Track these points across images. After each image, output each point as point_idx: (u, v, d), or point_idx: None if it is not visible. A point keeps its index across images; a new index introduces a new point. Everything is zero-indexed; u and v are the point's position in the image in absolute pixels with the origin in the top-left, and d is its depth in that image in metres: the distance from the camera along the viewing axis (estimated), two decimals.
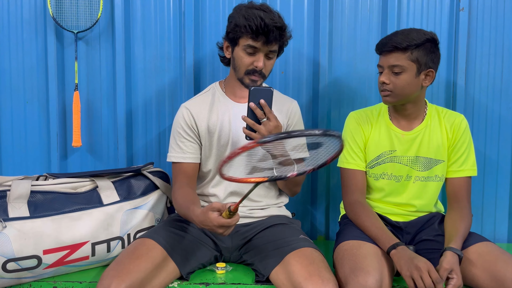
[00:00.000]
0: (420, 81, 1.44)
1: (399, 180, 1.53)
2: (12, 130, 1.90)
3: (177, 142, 1.53)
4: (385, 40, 1.44)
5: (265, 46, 1.41)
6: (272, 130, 1.33)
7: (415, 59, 1.40)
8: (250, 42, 1.41)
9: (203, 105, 1.54)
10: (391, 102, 1.46)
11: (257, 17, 1.38)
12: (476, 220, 1.89)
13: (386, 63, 1.43)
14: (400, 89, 1.42)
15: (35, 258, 1.37)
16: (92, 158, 1.93)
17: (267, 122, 1.33)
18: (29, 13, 1.86)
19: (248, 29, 1.38)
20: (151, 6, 1.87)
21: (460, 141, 1.51)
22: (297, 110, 1.60)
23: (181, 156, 1.52)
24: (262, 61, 1.42)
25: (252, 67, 1.43)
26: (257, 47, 1.41)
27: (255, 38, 1.40)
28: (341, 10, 1.87)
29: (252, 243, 1.47)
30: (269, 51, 1.43)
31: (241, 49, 1.44)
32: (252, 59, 1.43)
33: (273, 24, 1.39)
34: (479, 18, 1.86)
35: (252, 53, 1.42)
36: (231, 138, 1.50)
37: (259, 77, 1.44)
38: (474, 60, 1.86)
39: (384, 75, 1.43)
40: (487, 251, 1.36)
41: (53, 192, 1.46)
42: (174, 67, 1.89)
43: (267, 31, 1.38)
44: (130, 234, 1.52)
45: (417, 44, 1.39)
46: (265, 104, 1.32)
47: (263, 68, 1.43)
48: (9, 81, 1.88)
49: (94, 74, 1.90)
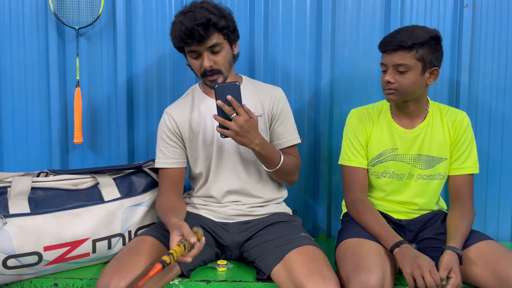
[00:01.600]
0: (425, 79, 1.43)
1: (401, 178, 1.52)
2: (14, 126, 1.90)
3: (160, 147, 1.54)
4: (388, 38, 1.41)
5: (200, 45, 1.39)
6: (243, 124, 1.31)
7: (420, 57, 1.39)
8: (188, 48, 1.42)
9: (184, 108, 1.54)
10: (395, 100, 1.45)
11: (178, 24, 1.38)
12: (479, 219, 1.88)
13: (391, 62, 1.41)
14: (405, 88, 1.41)
15: (36, 255, 1.37)
16: (93, 155, 1.93)
17: (237, 117, 1.31)
18: (30, 9, 1.86)
19: (176, 39, 1.40)
20: (153, 2, 1.86)
21: (462, 138, 1.50)
22: (282, 96, 1.57)
23: (165, 161, 1.52)
24: (206, 61, 1.40)
25: (203, 69, 1.43)
26: (196, 50, 1.41)
27: (187, 44, 1.40)
28: (343, 7, 1.86)
29: (253, 241, 1.47)
30: (210, 47, 1.40)
31: (188, 56, 1.45)
32: (199, 61, 1.43)
33: (193, 23, 1.35)
34: (483, 15, 1.84)
35: (196, 56, 1.43)
36: (215, 136, 1.50)
37: (215, 75, 1.43)
38: (478, 58, 1.85)
39: (389, 74, 1.41)
40: (490, 249, 1.35)
41: (54, 188, 1.46)
42: (175, 62, 1.89)
43: (190, 34, 1.36)
44: (131, 231, 1.52)
45: (422, 42, 1.38)
46: (232, 100, 1.31)
47: (212, 65, 1.42)
48: (11, 77, 1.88)
49: (95, 70, 1.89)
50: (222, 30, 1.41)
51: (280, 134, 1.54)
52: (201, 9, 1.38)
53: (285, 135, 1.54)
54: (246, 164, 1.51)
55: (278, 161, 1.44)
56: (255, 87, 1.57)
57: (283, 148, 1.54)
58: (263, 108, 1.53)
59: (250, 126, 1.33)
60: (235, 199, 1.53)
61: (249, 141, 1.35)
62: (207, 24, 1.37)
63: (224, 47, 1.43)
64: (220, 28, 1.40)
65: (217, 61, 1.42)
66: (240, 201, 1.52)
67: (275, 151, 1.45)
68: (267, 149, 1.41)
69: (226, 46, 1.44)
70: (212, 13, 1.38)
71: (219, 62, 1.43)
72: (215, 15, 1.38)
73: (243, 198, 1.53)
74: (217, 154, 1.50)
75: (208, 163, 1.52)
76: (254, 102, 1.52)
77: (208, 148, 1.51)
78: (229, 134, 1.32)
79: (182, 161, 1.54)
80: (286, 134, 1.55)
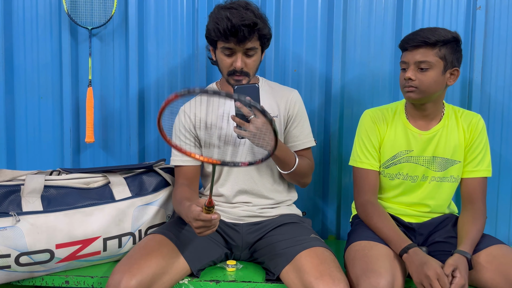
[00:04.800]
0: (446, 79, 1.42)
1: (415, 180, 1.51)
2: (27, 125, 1.92)
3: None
4: (411, 36, 1.41)
5: (239, 45, 1.40)
6: (261, 126, 1.31)
7: (443, 56, 1.38)
8: (224, 44, 1.41)
9: (199, 106, 1.55)
10: (414, 99, 1.43)
11: (224, 19, 1.37)
12: (490, 222, 1.86)
13: (412, 59, 1.39)
14: (426, 86, 1.40)
15: (48, 252, 1.39)
16: (104, 154, 1.94)
17: (255, 119, 1.32)
18: (44, 10, 1.88)
19: (218, 32, 1.38)
20: (165, 3, 1.88)
21: (476, 141, 1.49)
22: (298, 99, 1.57)
23: (180, 159, 1.53)
24: (240, 61, 1.41)
25: (232, 68, 1.43)
26: (232, 48, 1.41)
27: (227, 40, 1.39)
28: (355, 8, 1.86)
29: (263, 242, 1.47)
30: (246, 49, 1.41)
31: (219, 52, 1.44)
32: (231, 60, 1.43)
33: (240, 23, 1.35)
34: (496, 16, 1.82)
35: (229, 54, 1.42)
36: (231, 135, 1.50)
37: (242, 76, 1.44)
38: (491, 59, 1.83)
39: (410, 70, 1.40)
40: (501, 253, 1.34)
41: (66, 187, 1.48)
42: (187, 63, 1.90)
43: (235, 32, 1.36)
44: (142, 230, 1.53)
45: (445, 40, 1.37)
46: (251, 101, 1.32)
47: (243, 67, 1.42)
48: (24, 77, 1.90)
49: (107, 70, 1.91)
50: (262, 36, 1.43)
51: (295, 136, 1.54)
52: (247, 10, 1.39)
53: (300, 138, 1.54)
54: (259, 165, 1.52)
55: (293, 164, 1.44)
56: (272, 88, 1.58)
57: (297, 150, 1.54)
58: (279, 110, 1.53)
59: (267, 129, 1.33)
60: (246, 199, 1.53)
61: (266, 143, 1.35)
62: (253, 27, 1.38)
63: (258, 52, 1.45)
64: (261, 35, 1.42)
65: (248, 64, 1.44)
66: (251, 202, 1.52)
67: (290, 154, 1.45)
68: (283, 152, 1.41)
69: (259, 51, 1.46)
70: (258, 17, 1.40)
71: (250, 66, 1.44)
72: (260, 20, 1.40)
73: (254, 199, 1.53)
74: (231, 153, 1.51)
75: None
76: (270, 103, 1.52)
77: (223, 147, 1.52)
78: (246, 136, 1.33)
79: None
80: (301, 137, 1.55)
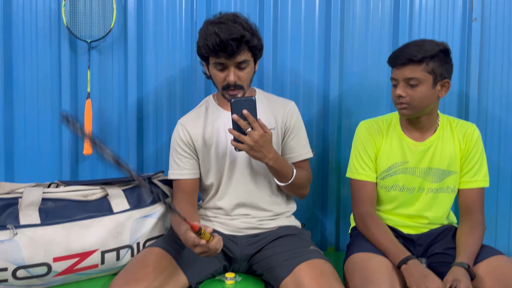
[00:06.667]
0: (437, 92, 1.43)
1: (412, 191, 1.51)
2: (25, 137, 1.92)
3: (174, 159, 1.54)
4: (397, 53, 1.41)
5: (230, 60, 1.39)
6: (258, 139, 1.32)
7: (431, 70, 1.38)
8: (215, 60, 1.41)
9: (197, 119, 1.55)
10: (409, 115, 1.44)
11: (212, 34, 1.36)
12: (489, 233, 1.86)
13: (401, 76, 1.40)
14: (418, 101, 1.40)
15: (45, 266, 1.38)
16: (103, 166, 1.94)
17: (252, 132, 1.32)
18: (44, 23, 1.89)
19: (207, 48, 1.38)
20: (163, 15, 1.89)
21: (472, 151, 1.49)
22: (294, 110, 1.57)
23: (179, 172, 1.53)
24: (232, 75, 1.41)
25: (226, 82, 1.43)
26: (223, 63, 1.41)
27: (217, 55, 1.39)
28: (352, 20, 1.87)
29: (262, 254, 1.46)
30: (238, 63, 1.41)
31: (212, 67, 1.44)
32: (223, 74, 1.43)
33: (229, 37, 1.35)
34: (491, 28, 1.84)
35: (221, 69, 1.42)
36: (228, 148, 1.50)
37: (236, 90, 1.44)
38: (487, 71, 1.84)
39: (400, 88, 1.41)
40: (501, 264, 1.33)
41: (64, 199, 1.47)
42: (185, 75, 1.91)
43: (224, 47, 1.35)
44: (140, 242, 1.52)
45: (432, 55, 1.37)
46: (248, 114, 1.32)
47: (236, 81, 1.42)
48: (23, 89, 1.90)
49: (106, 82, 1.91)
50: (253, 48, 1.43)
51: (292, 148, 1.54)
52: (235, 24, 1.38)
53: (297, 149, 1.55)
54: (257, 177, 1.52)
55: (290, 175, 1.44)
56: (268, 100, 1.58)
57: (295, 162, 1.54)
58: (276, 121, 1.53)
59: (264, 141, 1.33)
60: (244, 212, 1.52)
61: (263, 156, 1.35)
62: (241, 40, 1.37)
63: (250, 64, 1.45)
64: (251, 46, 1.42)
65: (241, 77, 1.43)
66: (250, 214, 1.52)
67: (287, 166, 1.45)
68: (280, 163, 1.41)
69: (252, 63, 1.46)
70: (246, 29, 1.39)
71: (243, 78, 1.44)
72: (248, 32, 1.39)
73: (252, 211, 1.52)
74: (229, 166, 1.51)
75: (219, 175, 1.53)
76: (267, 115, 1.53)
77: (221, 160, 1.52)
78: (244, 148, 1.33)
79: (196, 171, 1.55)
80: (298, 148, 1.55)
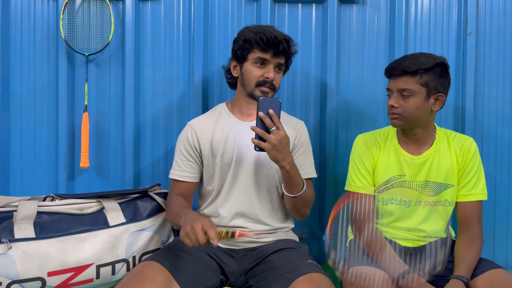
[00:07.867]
0: (430, 105, 1.44)
1: (409, 205, 1.50)
2: (21, 150, 1.91)
3: (177, 159, 1.56)
4: (394, 64, 1.44)
5: (274, 58, 1.46)
6: (282, 139, 1.33)
7: (424, 83, 1.40)
8: (260, 55, 1.46)
9: (208, 123, 1.56)
10: (399, 125, 1.46)
11: (267, 31, 1.46)
12: (487, 246, 1.86)
13: (395, 87, 1.43)
14: (409, 113, 1.42)
15: (39, 280, 1.36)
16: (99, 179, 1.93)
17: (276, 131, 1.33)
18: (42, 36, 1.90)
19: (259, 41, 1.44)
20: (161, 29, 1.90)
21: (469, 164, 1.50)
22: (304, 129, 1.60)
23: (178, 174, 1.54)
24: (272, 72, 1.47)
25: (263, 78, 1.47)
26: (267, 59, 1.46)
27: (265, 50, 1.45)
28: (348, 34, 1.89)
29: (259, 268, 1.45)
30: (278, 64, 1.48)
31: (250, 63, 1.48)
32: (262, 71, 1.47)
33: (282, 36, 1.46)
34: (486, 42, 1.86)
35: (262, 65, 1.47)
36: (235, 156, 1.50)
37: (269, 88, 1.47)
38: (483, 84, 1.86)
39: (393, 98, 1.44)
40: (499, 278, 1.32)
41: (59, 213, 1.46)
42: (182, 88, 1.91)
43: (277, 43, 1.44)
44: (136, 256, 1.51)
45: (426, 68, 1.39)
46: (273, 114, 1.33)
47: (274, 79, 1.47)
48: (20, 102, 1.90)
49: (103, 95, 1.92)
50: (290, 56, 1.52)
51: (299, 165, 1.53)
52: (276, 31, 1.48)
53: (303, 167, 1.54)
54: (259, 190, 1.51)
55: (301, 187, 1.44)
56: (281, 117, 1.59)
57: None
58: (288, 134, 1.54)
59: (287, 143, 1.35)
60: (242, 223, 1.51)
61: (283, 158, 1.35)
62: (290, 42, 1.49)
63: (283, 70, 1.53)
64: (290, 54, 1.51)
65: (277, 78, 1.49)
66: (248, 228, 1.51)
67: (300, 176, 1.44)
68: (295, 171, 1.41)
69: (282, 71, 1.54)
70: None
71: (277, 81, 1.50)
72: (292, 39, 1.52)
73: (250, 224, 1.52)
74: (233, 174, 1.51)
75: (222, 181, 1.52)
76: None
77: (225, 166, 1.52)
78: (266, 147, 1.33)
79: (195, 176, 1.55)
80: (305, 166, 1.55)
